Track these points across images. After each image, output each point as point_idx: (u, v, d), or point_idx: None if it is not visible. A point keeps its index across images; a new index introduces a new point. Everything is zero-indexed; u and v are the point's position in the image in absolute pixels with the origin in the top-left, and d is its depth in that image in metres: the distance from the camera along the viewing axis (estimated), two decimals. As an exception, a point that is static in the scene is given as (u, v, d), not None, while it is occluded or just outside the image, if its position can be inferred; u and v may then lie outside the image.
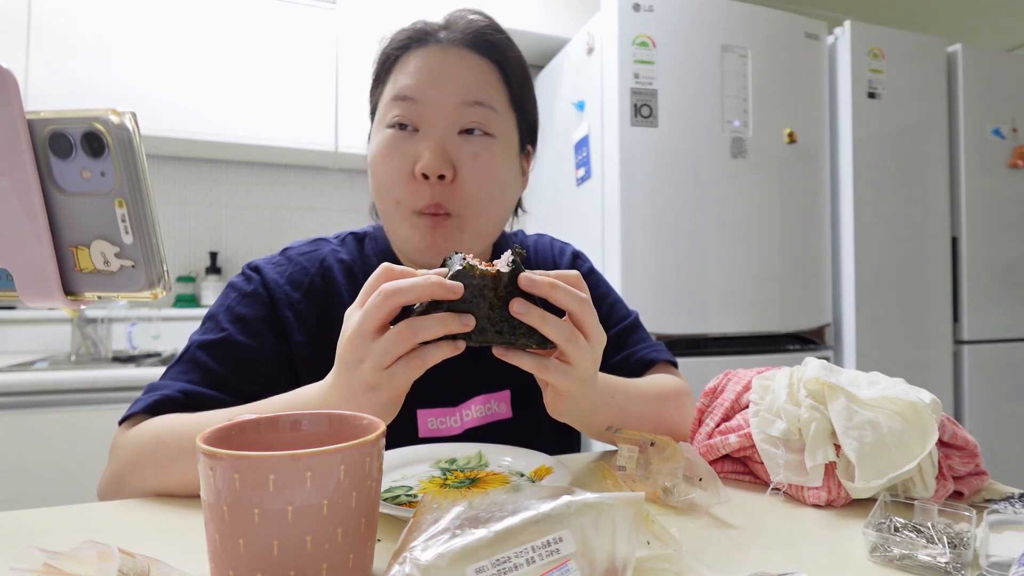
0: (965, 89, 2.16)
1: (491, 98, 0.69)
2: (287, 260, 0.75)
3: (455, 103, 0.67)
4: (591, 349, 0.52)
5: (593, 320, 0.52)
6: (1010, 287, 2.23)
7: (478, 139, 0.68)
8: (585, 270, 0.86)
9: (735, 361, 1.82)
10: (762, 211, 1.90)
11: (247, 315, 0.69)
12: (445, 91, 0.67)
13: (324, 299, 0.72)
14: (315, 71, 2.05)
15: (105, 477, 0.61)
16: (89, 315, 1.93)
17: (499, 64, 0.71)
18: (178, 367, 0.66)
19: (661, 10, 1.79)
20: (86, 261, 0.31)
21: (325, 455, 0.33)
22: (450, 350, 0.49)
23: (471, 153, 0.67)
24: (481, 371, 0.74)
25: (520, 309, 0.48)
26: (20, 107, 0.29)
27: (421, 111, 0.67)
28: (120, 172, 0.30)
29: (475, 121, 0.68)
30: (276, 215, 2.35)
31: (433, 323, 0.47)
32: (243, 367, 0.66)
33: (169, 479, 0.56)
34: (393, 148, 0.67)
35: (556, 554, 0.31)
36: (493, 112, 0.69)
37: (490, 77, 0.70)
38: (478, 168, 0.67)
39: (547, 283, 0.49)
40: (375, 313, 0.48)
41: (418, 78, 0.67)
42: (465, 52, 0.69)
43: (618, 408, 0.65)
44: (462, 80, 0.67)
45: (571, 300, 0.50)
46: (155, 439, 0.57)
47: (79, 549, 0.31)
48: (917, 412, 0.54)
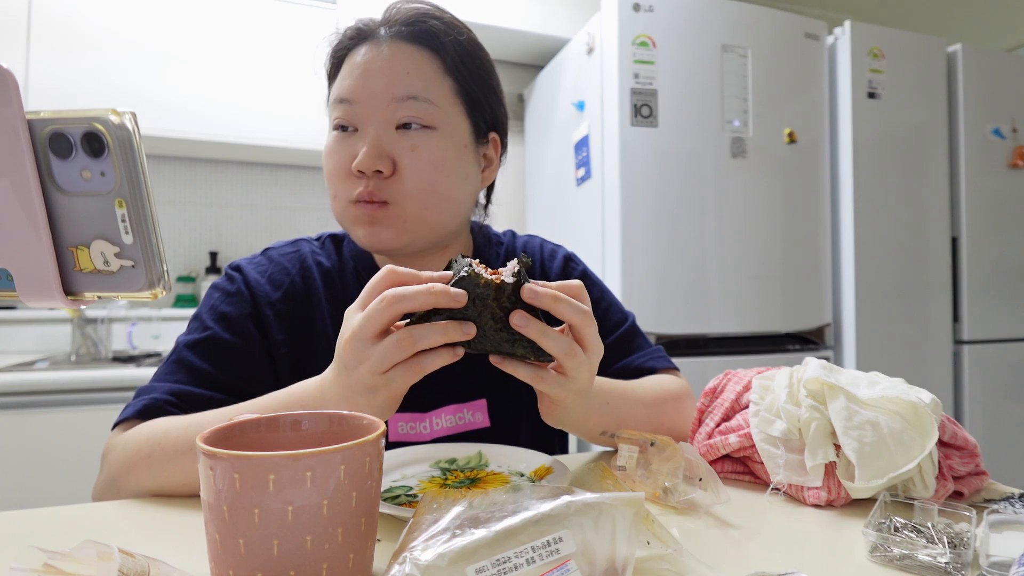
0: (965, 89, 2.16)
1: (426, 90, 0.68)
2: (268, 260, 0.76)
3: (387, 100, 0.67)
4: (588, 361, 0.52)
5: (593, 333, 0.52)
6: (1010, 287, 2.23)
7: (416, 132, 0.67)
8: (579, 273, 0.84)
9: (735, 361, 1.82)
10: (762, 211, 1.90)
11: (231, 313, 0.70)
12: (376, 89, 0.67)
13: (303, 300, 0.74)
14: (315, 71, 2.05)
15: (100, 482, 0.61)
16: (89, 315, 1.93)
17: (437, 52, 0.69)
18: (166, 368, 0.67)
19: (661, 10, 1.79)
20: (86, 261, 0.31)
21: (325, 455, 0.33)
22: (449, 357, 0.49)
23: (409, 146, 0.67)
24: (454, 380, 0.72)
25: (520, 322, 0.48)
26: (20, 107, 0.29)
27: (357, 111, 0.68)
28: (120, 172, 0.30)
29: (411, 116, 0.67)
30: (276, 215, 2.35)
31: (434, 332, 0.47)
32: (230, 364, 0.67)
33: (166, 480, 0.56)
34: (335, 148, 0.69)
35: (556, 554, 0.31)
36: (430, 104, 0.68)
37: (425, 69, 0.68)
38: (417, 160, 0.67)
39: (550, 295, 0.49)
40: (376, 318, 0.48)
41: (352, 80, 0.68)
42: (400, 45, 0.68)
43: (613, 413, 0.65)
44: (392, 75, 0.67)
45: (573, 313, 0.50)
46: (149, 442, 0.57)
47: (79, 549, 0.31)
48: (917, 412, 0.54)
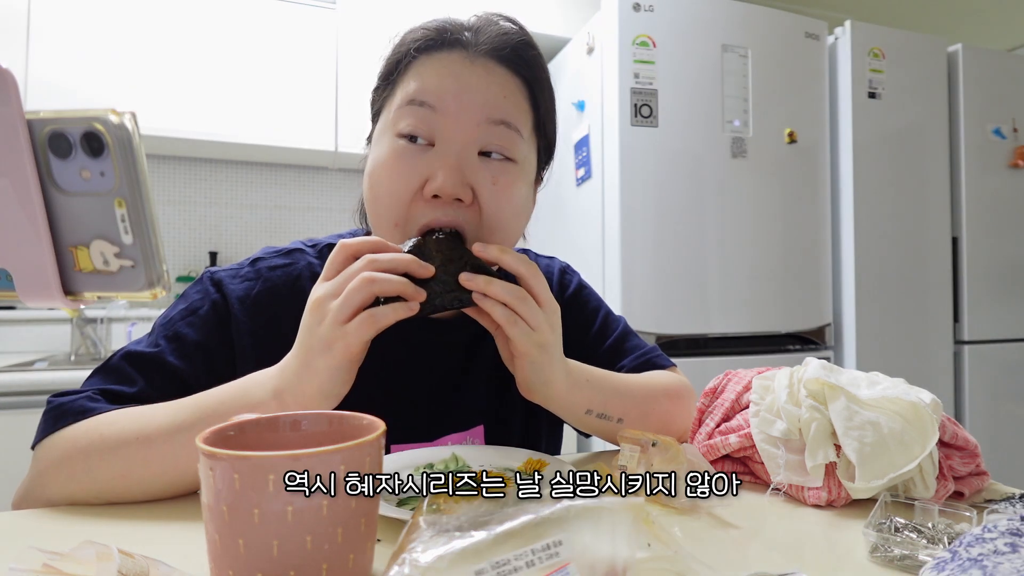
0: (965, 89, 2.16)
1: (518, 119, 0.62)
2: (256, 275, 0.66)
3: (479, 119, 0.59)
4: (544, 314, 0.55)
5: (543, 287, 0.56)
6: (1010, 287, 2.23)
7: (497, 163, 0.61)
8: (574, 286, 0.83)
9: (735, 361, 1.82)
10: (762, 211, 1.90)
11: (189, 337, 0.62)
12: (470, 103, 0.59)
13: (290, 327, 0.61)
14: (315, 71, 2.05)
15: (23, 484, 0.56)
16: (89, 315, 1.92)
17: (529, 84, 0.64)
18: (101, 375, 0.61)
19: (661, 10, 1.79)
20: (86, 261, 0.31)
21: (325, 455, 0.33)
22: (404, 311, 0.51)
23: (490, 177, 0.60)
24: (453, 409, 0.71)
25: (467, 277, 0.53)
26: (20, 107, 0.29)
27: (439, 122, 0.59)
28: (120, 172, 0.30)
29: (498, 144, 0.60)
30: (276, 215, 2.35)
31: (392, 281, 0.50)
32: (168, 388, 0.60)
33: (103, 475, 0.52)
34: (401, 161, 0.59)
35: (556, 557, 0.31)
36: (518, 135, 0.62)
37: (519, 96, 0.62)
38: (497, 194, 0.60)
39: (497, 248, 0.55)
40: (352, 298, 0.50)
41: (440, 84, 0.59)
42: (494, 65, 0.61)
43: (596, 391, 0.64)
44: (490, 94, 0.60)
45: (518, 264, 0.55)
46: (88, 435, 0.53)
47: (78, 549, 0.31)
48: (917, 412, 0.53)
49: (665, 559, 0.38)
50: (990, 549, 0.35)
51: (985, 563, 0.33)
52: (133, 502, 0.54)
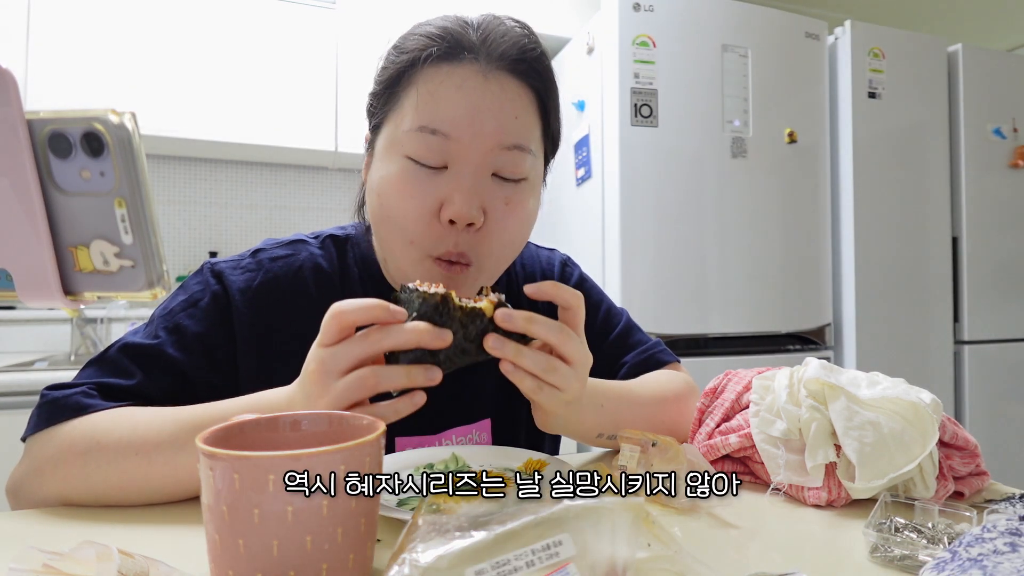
0: (965, 89, 2.15)
1: (529, 139, 0.61)
2: (257, 266, 0.66)
3: (492, 145, 0.59)
4: (575, 373, 0.52)
5: (574, 347, 0.52)
6: (1010, 287, 2.23)
7: (510, 184, 0.61)
8: (576, 277, 0.83)
9: (735, 361, 1.82)
10: (762, 211, 1.90)
11: (190, 329, 0.61)
12: (484, 130, 0.58)
13: (291, 313, 0.65)
14: (315, 72, 2.05)
15: (17, 474, 0.55)
16: (89, 315, 1.93)
17: (540, 93, 0.63)
18: (96, 365, 0.60)
19: (661, 10, 1.79)
20: (86, 261, 0.31)
21: (325, 455, 0.33)
22: (408, 407, 0.48)
23: (503, 198, 0.60)
24: (460, 401, 0.71)
25: (495, 344, 0.48)
26: (20, 107, 0.29)
27: (452, 149, 0.58)
28: (120, 172, 0.30)
29: (511, 168, 0.60)
30: (276, 215, 2.35)
31: (398, 375, 0.47)
32: (165, 381, 0.60)
33: (99, 482, 0.52)
34: (414, 184, 0.58)
35: (556, 557, 0.31)
36: (530, 155, 0.61)
37: (529, 111, 0.62)
38: (508, 215, 0.61)
39: (523, 317, 0.49)
40: (350, 355, 0.47)
41: (453, 111, 0.58)
42: (507, 80, 0.60)
43: (609, 414, 0.64)
44: (503, 118, 0.59)
45: (548, 332, 0.50)
46: (86, 438, 0.52)
47: (78, 549, 0.31)
48: (917, 412, 0.53)
49: (665, 559, 0.38)
50: (990, 549, 0.35)
51: (985, 563, 0.33)
52: (131, 506, 0.54)
